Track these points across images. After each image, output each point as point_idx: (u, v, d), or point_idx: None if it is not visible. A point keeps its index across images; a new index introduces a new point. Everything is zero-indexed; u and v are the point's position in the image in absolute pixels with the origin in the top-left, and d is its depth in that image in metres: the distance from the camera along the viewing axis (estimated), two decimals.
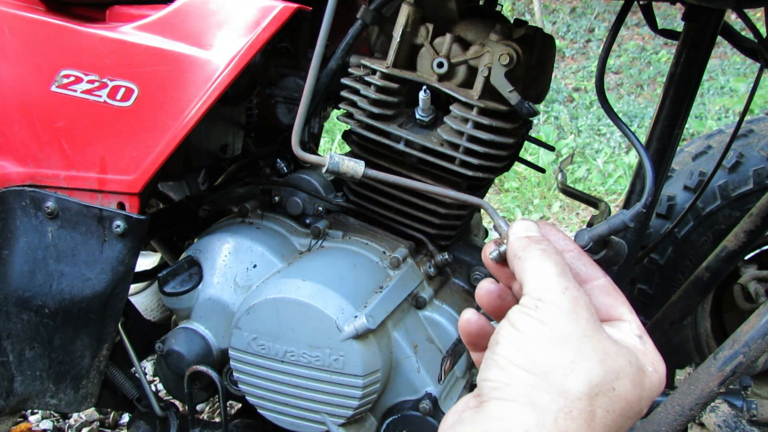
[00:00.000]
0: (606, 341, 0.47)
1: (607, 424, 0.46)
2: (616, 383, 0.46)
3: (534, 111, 0.93)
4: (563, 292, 0.48)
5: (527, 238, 0.52)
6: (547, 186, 3.68)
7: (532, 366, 0.46)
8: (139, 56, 0.89)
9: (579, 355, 0.46)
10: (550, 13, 6.91)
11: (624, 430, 0.48)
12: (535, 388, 0.45)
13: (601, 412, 0.45)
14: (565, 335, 0.46)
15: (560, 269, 0.49)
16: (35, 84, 0.92)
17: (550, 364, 0.46)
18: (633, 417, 0.48)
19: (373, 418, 0.98)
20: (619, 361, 0.47)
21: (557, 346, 0.46)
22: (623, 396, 0.46)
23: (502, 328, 0.48)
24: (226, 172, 1.25)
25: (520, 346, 0.47)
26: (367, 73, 0.99)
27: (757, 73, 1.18)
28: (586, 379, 0.45)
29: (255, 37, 0.87)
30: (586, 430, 0.44)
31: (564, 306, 0.47)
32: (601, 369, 0.46)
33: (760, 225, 1.25)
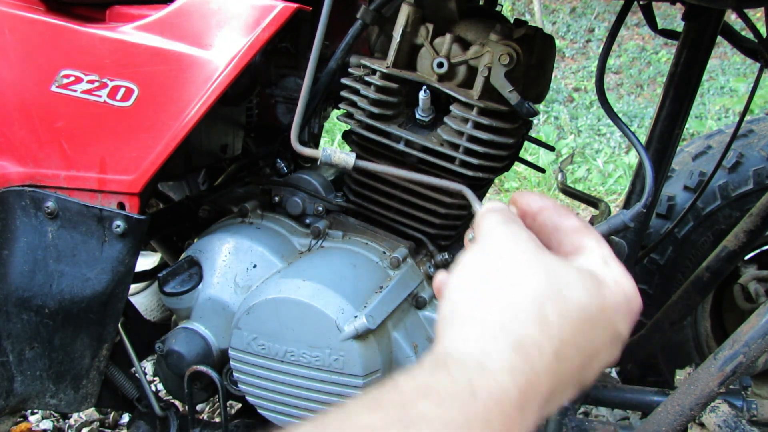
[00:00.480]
0: (550, 259, 0.47)
1: (565, 329, 0.44)
2: (565, 290, 0.45)
3: (534, 111, 0.93)
4: (504, 230, 0.48)
5: (487, 209, 0.52)
6: (547, 186, 3.68)
7: (476, 289, 0.45)
8: (139, 56, 0.89)
9: (521, 273, 0.45)
10: (550, 13, 6.91)
11: (596, 341, 0.46)
12: (481, 304, 0.44)
13: (554, 317, 0.44)
14: (506, 258, 0.46)
15: (504, 218, 0.50)
16: (35, 84, 0.92)
17: (495, 283, 0.45)
18: (602, 328, 0.47)
19: None
20: (565, 273, 0.46)
21: (499, 268, 0.46)
22: (575, 301, 0.45)
23: (452, 270, 0.49)
24: (226, 172, 1.25)
25: (464, 276, 0.47)
26: (367, 73, 0.99)
27: (757, 73, 1.18)
28: (529, 289, 0.44)
29: (255, 37, 0.87)
30: (539, 333, 0.43)
31: (504, 237, 0.48)
32: (546, 280, 0.45)
33: (760, 225, 1.25)
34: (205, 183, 1.34)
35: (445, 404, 0.38)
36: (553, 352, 0.43)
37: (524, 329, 0.43)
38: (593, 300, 0.46)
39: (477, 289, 0.46)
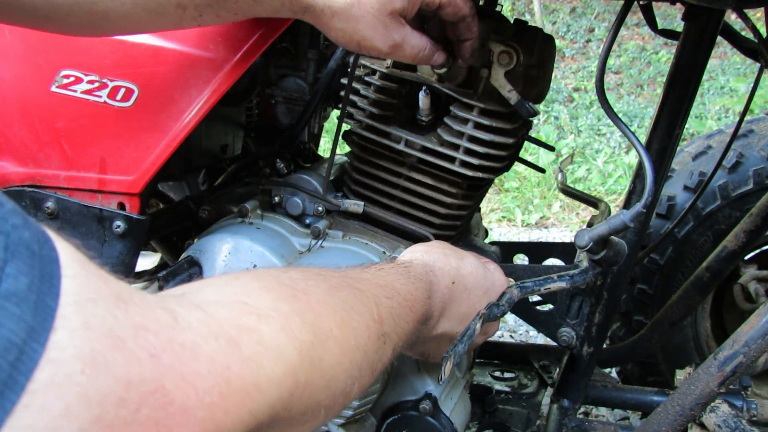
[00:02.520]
0: (457, 249, 0.85)
1: (463, 272, 0.79)
2: (463, 257, 0.82)
3: (534, 111, 0.93)
4: None
5: None
6: (547, 186, 3.68)
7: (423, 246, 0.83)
8: (139, 56, 0.89)
9: (438, 246, 0.84)
10: (550, 13, 6.91)
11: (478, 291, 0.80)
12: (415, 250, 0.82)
13: (454, 263, 0.80)
14: (432, 244, 0.85)
15: None
16: (35, 84, 0.92)
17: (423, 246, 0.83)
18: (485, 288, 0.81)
19: (373, 419, 0.98)
20: (465, 253, 0.83)
21: (428, 244, 0.85)
22: (470, 263, 0.81)
23: None
24: (226, 172, 1.25)
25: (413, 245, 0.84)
26: (367, 74, 0.99)
27: (757, 73, 1.18)
28: (440, 248, 0.82)
29: (257, 38, 0.87)
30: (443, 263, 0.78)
31: (438, 241, 0.90)
32: (451, 248, 0.83)
33: (760, 225, 1.25)
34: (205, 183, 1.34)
35: (383, 272, 0.68)
36: (451, 279, 0.77)
37: (435, 260, 0.78)
38: (479, 269, 0.82)
39: (417, 246, 0.83)
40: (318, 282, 0.55)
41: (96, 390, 0.31)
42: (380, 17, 0.74)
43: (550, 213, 3.53)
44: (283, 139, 1.09)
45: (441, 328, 0.77)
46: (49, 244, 0.33)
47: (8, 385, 0.28)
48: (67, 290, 0.32)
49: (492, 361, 1.46)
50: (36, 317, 0.30)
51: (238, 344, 0.40)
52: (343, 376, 0.52)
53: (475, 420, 1.22)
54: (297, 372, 0.45)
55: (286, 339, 0.45)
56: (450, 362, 0.68)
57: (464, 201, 1.01)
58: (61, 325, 0.31)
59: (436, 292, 0.74)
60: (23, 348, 0.29)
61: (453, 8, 0.80)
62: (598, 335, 1.09)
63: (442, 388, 0.95)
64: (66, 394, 0.30)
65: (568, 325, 1.07)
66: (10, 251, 0.30)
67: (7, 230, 0.30)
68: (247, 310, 0.44)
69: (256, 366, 0.41)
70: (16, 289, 0.29)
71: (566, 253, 1.34)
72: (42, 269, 0.31)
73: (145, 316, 0.35)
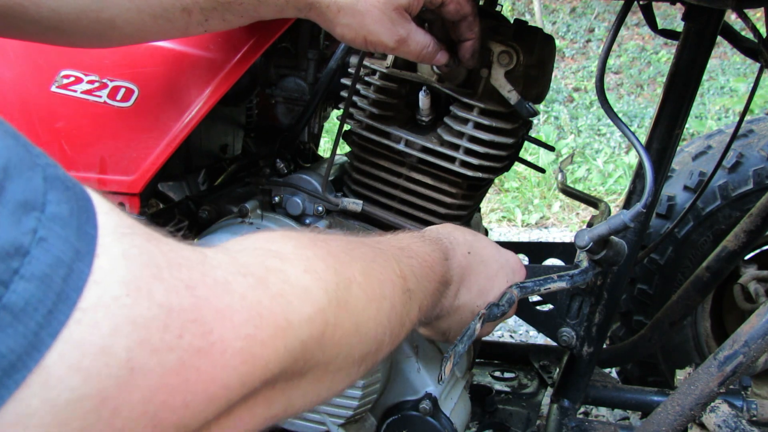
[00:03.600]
0: (470, 229, 0.86)
1: (478, 246, 0.81)
2: (476, 233, 0.84)
3: (534, 111, 0.93)
4: None
5: None
6: (547, 186, 3.68)
7: (443, 228, 0.83)
8: (139, 56, 0.89)
9: (461, 229, 0.84)
10: (550, 13, 6.91)
11: (494, 264, 0.82)
12: (428, 228, 0.82)
13: (469, 236, 0.82)
14: (445, 224, 0.86)
15: None
16: (35, 84, 0.92)
17: (436, 226, 0.84)
18: (497, 265, 0.82)
19: (373, 419, 0.98)
20: (483, 237, 0.85)
21: (441, 224, 0.86)
22: (483, 238, 0.84)
23: None
24: (226, 172, 1.25)
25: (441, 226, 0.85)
26: (367, 74, 0.99)
27: (757, 73, 1.18)
28: (453, 225, 0.85)
29: (257, 38, 0.87)
30: (457, 234, 0.81)
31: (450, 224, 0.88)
32: (472, 233, 0.83)
33: (760, 225, 1.25)
34: (205, 183, 1.34)
35: (399, 237, 0.69)
36: (466, 248, 0.79)
37: (450, 232, 0.80)
38: (492, 245, 0.84)
39: (431, 226, 0.84)
40: (340, 239, 0.56)
41: (141, 313, 0.32)
42: (386, 11, 0.75)
43: (550, 213, 3.53)
44: (283, 139, 1.09)
45: (461, 299, 0.77)
46: (79, 185, 0.34)
47: (61, 299, 0.29)
48: (103, 223, 0.33)
49: (492, 361, 1.46)
50: (80, 241, 0.31)
51: (266, 282, 0.41)
52: (372, 322, 0.53)
53: (475, 420, 1.22)
54: (325, 311, 0.46)
55: (311, 279, 0.46)
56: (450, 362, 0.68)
57: (464, 201, 1.01)
58: (102, 252, 0.32)
59: (453, 258, 0.75)
60: (72, 266, 0.30)
61: (455, 5, 0.80)
62: (598, 335, 1.09)
63: (442, 388, 0.95)
64: (114, 315, 0.31)
65: (568, 325, 1.07)
66: (48, 182, 0.31)
67: (43, 164, 0.32)
68: (270, 254, 0.45)
69: (285, 302, 0.42)
70: (60, 213, 0.31)
71: (566, 253, 1.33)
72: (78, 202, 0.32)
73: (177, 252, 0.37)
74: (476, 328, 0.72)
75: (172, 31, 0.75)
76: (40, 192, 0.30)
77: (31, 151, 0.31)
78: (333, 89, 1.07)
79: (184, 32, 0.76)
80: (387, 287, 0.56)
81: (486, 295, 0.79)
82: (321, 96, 1.06)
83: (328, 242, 0.53)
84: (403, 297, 0.58)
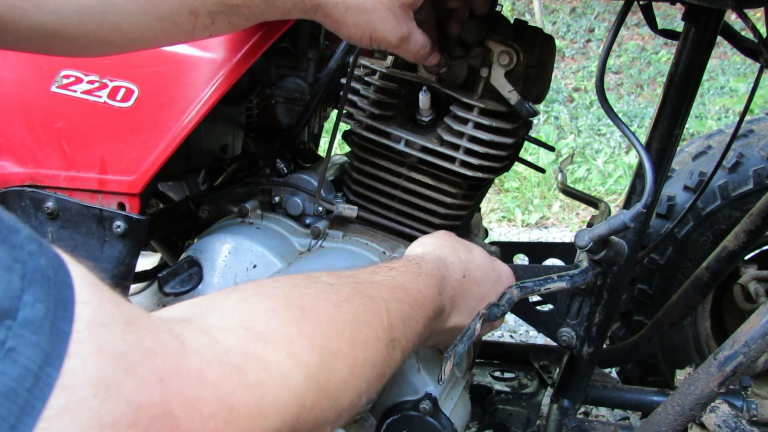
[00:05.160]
0: (464, 241, 0.88)
1: (472, 266, 0.82)
2: (472, 249, 0.85)
3: (534, 111, 0.93)
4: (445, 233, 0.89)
5: None
6: (547, 186, 3.68)
7: (428, 240, 0.85)
8: (139, 57, 0.89)
9: (450, 239, 0.85)
10: (550, 13, 6.91)
11: (485, 287, 0.83)
12: (427, 243, 0.84)
13: (464, 257, 0.82)
14: (446, 235, 0.87)
15: None
16: (35, 84, 0.92)
17: (436, 239, 0.85)
18: (490, 281, 0.84)
19: (373, 419, 0.98)
20: (472, 245, 0.87)
21: (442, 237, 0.86)
22: (478, 255, 0.85)
23: None
24: (226, 172, 1.25)
25: (426, 237, 0.87)
26: (367, 74, 0.99)
27: (757, 73, 1.18)
28: (450, 242, 0.85)
29: (258, 38, 0.87)
30: (454, 259, 0.80)
31: (444, 231, 0.91)
32: (459, 241, 0.86)
33: (760, 225, 1.25)
34: (205, 183, 1.34)
35: (394, 272, 0.68)
36: (462, 272, 0.79)
37: (446, 255, 0.79)
38: (487, 261, 0.85)
39: (426, 238, 0.85)
40: (329, 295, 0.55)
41: (108, 413, 0.32)
42: (393, 8, 0.75)
43: (550, 213, 3.53)
44: (283, 139, 1.09)
45: (452, 322, 0.78)
46: (63, 268, 0.33)
47: (25, 411, 0.29)
48: (80, 316, 0.32)
49: (492, 361, 1.46)
50: (51, 343, 0.30)
51: (243, 371, 0.41)
52: (350, 393, 0.52)
53: (475, 420, 1.22)
54: (303, 397, 0.45)
55: (292, 365, 0.45)
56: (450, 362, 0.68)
57: (464, 201, 1.01)
58: (74, 352, 0.31)
59: (446, 286, 0.75)
60: (39, 374, 0.30)
61: None
62: (598, 335, 1.09)
63: (442, 388, 0.95)
64: (80, 419, 0.31)
65: (568, 325, 1.07)
66: (26, 279, 0.31)
67: (24, 258, 0.31)
68: (253, 336, 0.44)
69: (260, 393, 0.41)
70: (33, 317, 0.30)
71: (566, 253, 1.34)
72: (57, 295, 0.32)
73: (154, 340, 0.36)
74: (476, 328, 0.72)
75: (177, 35, 0.74)
76: (15, 296, 0.30)
77: (12, 242, 0.31)
78: (333, 89, 1.07)
79: (189, 36, 0.75)
80: (371, 349, 0.55)
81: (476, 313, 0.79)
82: (321, 96, 1.06)
83: (317, 311, 0.51)
84: (386, 351, 0.58)
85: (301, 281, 0.55)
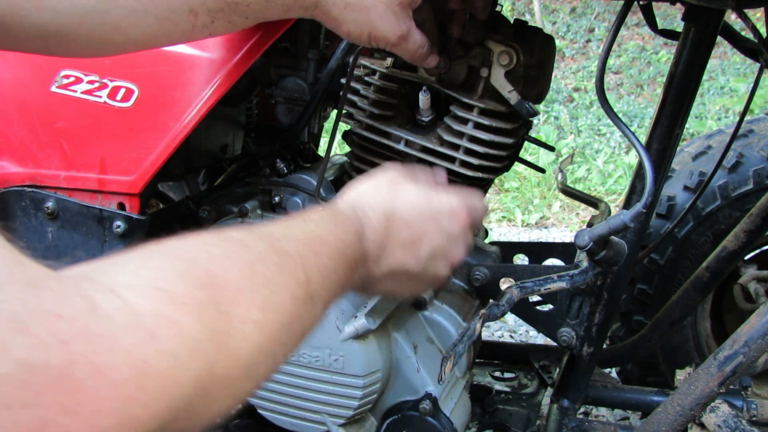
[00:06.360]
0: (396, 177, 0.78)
1: (399, 204, 0.74)
2: (400, 188, 0.76)
3: (534, 111, 0.93)
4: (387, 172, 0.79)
5: None
6: (547, 186, 3.68)
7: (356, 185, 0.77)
8: (139, 57, 0.89)
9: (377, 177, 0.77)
10: (550, 13, 6.91)
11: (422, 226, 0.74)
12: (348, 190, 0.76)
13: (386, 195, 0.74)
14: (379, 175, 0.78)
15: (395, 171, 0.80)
16: (35, 84, 0.92)
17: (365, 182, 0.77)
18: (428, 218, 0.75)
19: (373, 419, 0.98)
20: (406, 184, 0.77)
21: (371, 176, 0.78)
22: (407, 192, 0.75)
23: None
24: (226, 172, 1.25)
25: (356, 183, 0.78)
26: (367, 74, 0.99)
27: (757, 73, 1.18)
28: (373, 182, 0.77)
29: (258, 39, 0.87)
30: (372, 197, 0.73)
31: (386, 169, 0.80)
32: (386, 179, 0.77)
33: (760, 225, 1.24)
34: (205, 183, 1.34)
35: (310, 223, 0.62)
36: (383, 213, 0.71)
37: (365, 198, 0.73)
38: (419, 197, 0.75)
39: (355, 183, 0.76)
40: (240, 254, 0.52)
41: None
42: (392, 6, 0.76)
43: (550, 213, 3.53)
44: (283, 139, 1.09)
45: (386, 265, 0.73)
46: None
47: None
48: None
49: (492, 361, 1.46)
50: None
51: (157, 336, 0.39)
52: (265, 359, 0.50)
53: (475, 420, 1.22)
54: (214, 366, 0.43)
55: (201, 330, 0.43)
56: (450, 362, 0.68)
57: None
58: None
59: (367, 231, 0.70)
60: None
61: None
62: (598, 335, 1.09)
63: (442, 388, 0.95)
64: None
65: (568, 325, 1.07)
66: None
67: None
68: (165, 298, 0.42)
69: (174, 359, 0.40)
70: None
71: (566, 253, 1.33)
72: None
73: (59, 302, 0.34)
74: (476, 328, 0.72)
75: (177, 34, 0.74)
76: None
77: None
78: (333, 89, 1.07)
79: (188, 36, 0.75)
80: (287, 311, 0.53)
81: (415, 252, 0.74)
82: (321, 96, 1.06)
83: (227, 274, 0.48)
84: (304, 308, 0.56)
85: (210, 240, 0.52)
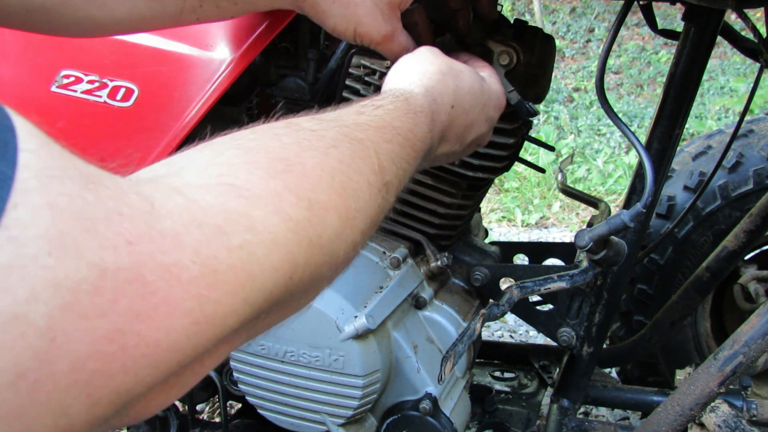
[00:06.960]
0: (453, 60, 0.74)
1: (461, 93, 0.71)
2: (459, 73, 0.72)
3: (534, 111, 0.93)
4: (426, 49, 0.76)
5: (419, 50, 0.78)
6: (547, 186, 3.68)
7: (408, 64, 0.72)
8: (139, 56, 0.89)
9: (434, 60, 0.72)
10: (550, 13, 6.91)
11: (476, 111, 0.74)
12: (410, 70, 0.70)
13: (452, 84, 0.70)
14: (428, 55, 0.73)
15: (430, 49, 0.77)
16: (35, 84, 0.92)
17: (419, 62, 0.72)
18: (480, 104, 0.74)
19: (373, 418, 0.98)
20: (462, 67, 0.74)
21: (422, 59, 0.73)
22: (466, 79, 0.73)
23: None
24: None
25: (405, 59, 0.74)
26: (367, 73, 0.99)
27: (757, 73, 1.18)
28: (436, 67, 0.71)
29: (257, 37, 0.87)
30: (442, 86, 0.69)
31: (427, 49, 0.75)
32: (446, 64, 0.72)
33: (760, 225, 1.25)
34: None
35: (382, 110, 0.60)
36: (451, 104, 0.70)
37: (431, 81, 0.69)
38: (476, 85, 0.74)
39: (408, 64, 0.72)
40: (312, 142, 0.50)
41: (66, 275, 0.28)
42: (380, 5, 0.76)
43: (550, 213, 3.53)
44: None
45: (438, 152, 0.73)
46: (3, 111, 0.28)
47: None
48: (26, 163, 0.27)
49: (492, 361, 1.46)
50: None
51: (225, 232, 0.37)
52: (344, 246, 0.49)
53: (475, 420, 1.22)
54: (295, 254, 0.42)
55: (279, 221, 0.41)
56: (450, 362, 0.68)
57: (464, 201, 1.01)
58: (21, 201, 0.27)
59: (436, 121, 0.69)
60: None
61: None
62: (598, 335, 1.09)
63: (442, 388, 0.95)
64: (30, 278, 0.27)
65: (568, 325, 1.07)
66: None
67: None
68: (234, 193, 0.40)
69: (247, 254, 0.38)
70: None
71: (566, 253, 1.33)
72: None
73: (119, 200, 0.32)
74: (476, 328, 0.72)
75: (164, 16, 0.72)
76: None
77: None
78: (333, 89, 1.07)
79: (176, 19, 0.73)
80: (363, 197, 0.51)
81: (463, 139, 0.75)
82: (321, 96, 1.06)
83: (303, 161, 0.46)
84: (378, 196, 0.54)
85: (280, 130, 0.50)
